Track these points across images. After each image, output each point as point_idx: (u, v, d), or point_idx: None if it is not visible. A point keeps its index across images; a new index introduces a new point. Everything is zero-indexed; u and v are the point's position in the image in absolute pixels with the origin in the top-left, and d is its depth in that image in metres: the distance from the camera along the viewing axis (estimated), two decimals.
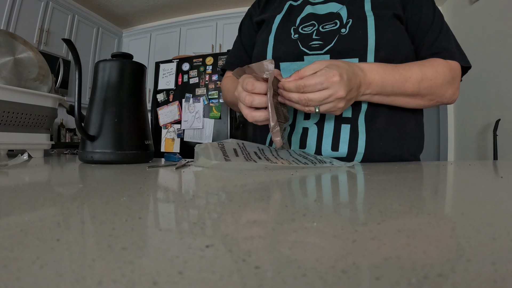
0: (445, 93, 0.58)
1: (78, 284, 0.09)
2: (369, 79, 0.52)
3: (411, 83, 0.54)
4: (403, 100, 0.57)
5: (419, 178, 0.37)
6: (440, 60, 0.58)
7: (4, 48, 0.68)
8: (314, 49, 0.60)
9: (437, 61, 0.57)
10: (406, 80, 0.54)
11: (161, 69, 2.63)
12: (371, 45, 0.56)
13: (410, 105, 0.58)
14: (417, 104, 0.58)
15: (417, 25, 0.60)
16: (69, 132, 3.26)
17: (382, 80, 0.52)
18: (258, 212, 0.19)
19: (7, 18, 2.50)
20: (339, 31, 0.59)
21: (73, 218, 0.17)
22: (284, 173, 0.38)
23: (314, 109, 0.47)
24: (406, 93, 0.55)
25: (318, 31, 0.61)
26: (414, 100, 0.57)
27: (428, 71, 0.55)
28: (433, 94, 0.57)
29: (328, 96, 0.45)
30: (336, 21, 0.60)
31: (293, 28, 0.64)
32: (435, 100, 0.58)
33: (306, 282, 0.09)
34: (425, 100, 0.58)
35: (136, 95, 0.58)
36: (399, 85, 0.54)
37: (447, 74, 0.57)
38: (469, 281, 0.09)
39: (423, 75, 0.55)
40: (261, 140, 0.72)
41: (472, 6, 2.60)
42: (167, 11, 3.57)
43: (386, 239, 0.13)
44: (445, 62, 0.57)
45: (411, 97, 0.56)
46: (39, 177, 0.37)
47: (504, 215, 0.17)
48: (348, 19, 0.59)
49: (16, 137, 0.65)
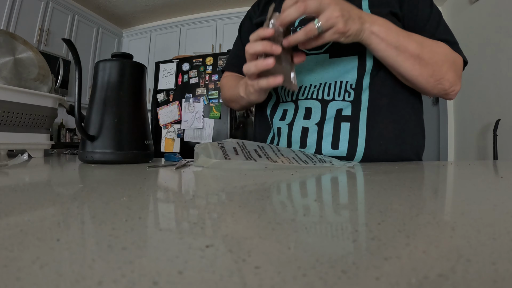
0: (446, 74, 0.55)
1: (78, 284, 0.09)
2: (374, 18, 0.50)
3: (414, 42, 0.52)
4: (408, 62, 0.53)
5: (419, 178, 0.37)
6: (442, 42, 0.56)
7: (4, 48, 0.68)
8: (314, 48, 0.60)
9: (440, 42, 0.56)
10: (409, 36, 0.52)
11: (161, 69, 2.63)
12: None
13: (414, 72, 0.54)
14: (420, 71, 0.54)
15: (414, 21, 0.59)
16: (69, 132, 3.26)
17: (386, 25, 0.51)
18: (258, 212, 0.19)
19: (7, 18, 2.50)
20: None
21: (73, 218, 0.17)
22: (284, 173, 0.38)
23: (315, 25, 0.45)
24: (409, 50, 0.52)
25: None
26: (418, 67, 0.53)
27: (428, 41, 0.54)
28: (435, 67, 0.54)
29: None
30: None
31: (292, 29, 0.64)
32: (436, 77, 0.55)
33: (306, 282, 0.09)
34: (427, 71, 0.54)
35: (136, 95, 0.58)
36: (403, 37, 0.51)
37: (448, 54, 0.55)
38: (469, 281, 0.09)
39: (423, 40, 0.53)
40: (261, 140, 0.72)
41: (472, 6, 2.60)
42: (167, 11, 3.57)
43: (386, 239, 0.13)
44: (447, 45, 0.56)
45: (415, 60, 0.53)
46: (39, 177, 0.37)
47: (504, 215, 0.17)
48: None
49: (16, 137, 0.65)
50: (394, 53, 0.52)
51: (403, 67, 0.54)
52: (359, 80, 0.59)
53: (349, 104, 0.59)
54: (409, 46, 0.52)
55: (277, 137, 0.67)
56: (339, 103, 0.59)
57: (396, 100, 0.60)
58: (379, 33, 0.50)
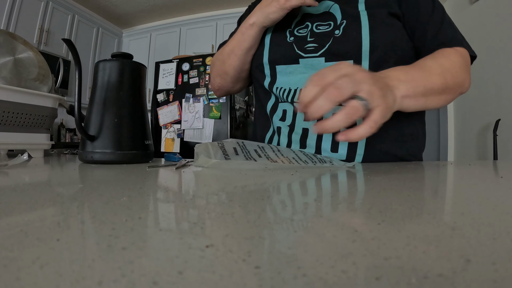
0: (464, 81, 0.54)
1: (78, 284, 0.09)
2: (394, 75, 0.46)
3: (436, 76, 0.50)
4: (437, 99, 0.51)
5: (419, 178, 0.37)
6: (449, 49, 0.55)
7: (4, 48, 0.68)
8: (309, 52, 0.60)
9: (446, 50, 0.55)
10: (430, 74, 0.49)
11: (161, 69, 2.63)
12: (366, 47, 0.55)
13: (441, 103, 0.53)
14: (446, 99, 0.53)
15: (416, 18, 0.58)
16: (69, 132, 3.26)
17: (408, 77, 0.47)
18: (258, 212, 0.19)
19: (7, 18, 2.50)
20: (333, 33, 0.58)
21: (73, 218, 0.17)
22: (284, 173, 0.38)
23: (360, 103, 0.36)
24: (436, 88, 0.50)
25: (312, 32, 0.61)
26: (445, 96, 0.52)
27: (443, 61, 0.52)
28: (457, 84, 0.53)
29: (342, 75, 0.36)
30: (330, 23, 0.59)
31: (289, 31, 0.64)
32: (459, 90, 0.55)
33: (306, 282, 0.09)
34: (451, 93, 0.53)
35: (136, 95, 0.58)
36: (427, 80, 0.48)
37: (461, 61, 0.54)
38: (469, 281, 0.09)
39: (441, 66, 0.51)
40: (261, 140, 0.72)
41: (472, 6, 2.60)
42: (167, 11, 3.57)
43: (386, 239, 0.13)
44: (454, 50, 0.55)
45: (441, 93, 0.51)
46: (39, 177, 0.37)
47: (504, 215, 0.17)
48: (342, 20, 0.58)
49: (16, 137, 0.65)
50: (423, 101, 0.49)
51: (430, 107, 0.52)
52: None
53: None
54: (435, 85, 0.49)
55: (277, 136, 0.67)
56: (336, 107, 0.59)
57: None
58: (408, 92, 0.45)
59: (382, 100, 0.38)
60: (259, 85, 0.72)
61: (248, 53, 0.69)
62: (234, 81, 0.75)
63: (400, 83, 0.45)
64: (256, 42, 0.67)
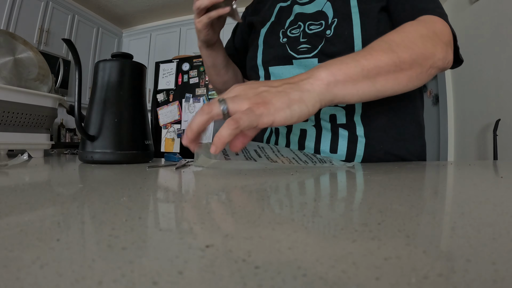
0: (433, 52, 0.45)
1: (78, 284, 0.09)
2: (316, 68, 0.40)
3: (381, 53, 0.41)
4: (392, 78, 0.42)
5: (419, 178, 0.37)
6: (410, 22, 0.48)
7: (4, 48, 0.68)
8: (302, 53, 0.60)
9: (406, 24, 0.47)
10: (371, 52, 0.42)
11: (161, 69, 2.63)
12: (358, 47, 0.54)
13: (404, 82, 0.44)
14: (409, 76, 0.44)
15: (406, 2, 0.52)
16: (69, 132, 3.26)
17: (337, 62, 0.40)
18: (258, 212, 0.19)
19: (7, 18, 2.50)
20: (324, 34, 0.57)
21: (73, 218, 0.17)
22: (284, 173, 0.38)
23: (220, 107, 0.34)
24: (384, 66, 0.41)
25: (305, 32, 0.60)
26: (405, 73, 0.43)
27: (392, 36, 0.44)
28: (420, 56, 0.44)
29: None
30: (322, 22, 0.58)
31: (282, 31, 0.63)
32: (427, 63, 0.45)
33: (306, 282, 0.09)
34: (415, 67, 0.44)
35: (136, 95, 0.58)
36: (365, 59, 0.40)
37: (420, 29, 0.46)
38: (469, 281, 0.09)
39: (387, 42, 0.43)
40: (259, 138, 0.72)
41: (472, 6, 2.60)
42: (167, 11, 3.57)
43: (386, 239, 0.13)
44: (416, 21, 0.48)
45: (397, 71, 0.42)
46: (39, 177, 0.37)
47: (504, 215, 0.17)
48: (333, 19, 0.57)
49: (16, 137, 0.65)
50: (368, 84, 0.41)
51: (387, 90, 0.43)
52: None
53: (342, 110, 0.58)
54: (379, 62, 0.41)
55: (275, 137, 0.67)
56: (332, 108, 0.58)
57: (393, 103, 0.59)
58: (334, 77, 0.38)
59: (256, 98, 0.34)
60: None
61: (217, 69, 0.71)
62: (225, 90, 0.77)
63: (320, 71, 0.39)
64: (216, 59, 0.69)
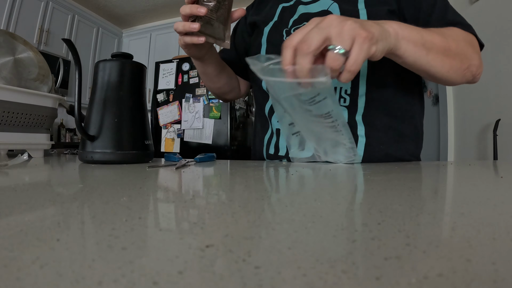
0: (472, 59, 0.51)
1: (78, 284, 0.09)
2: (389, 22, 0.43)
3: (436, 34, 0.47)
4: (438, 59, 0.47)
5: (419, 178, 0.37)
6: (455, 28, 0.52)
7: (4, 48, 0.68)
8: None
9: (453, 28, 0.52)
10: (430, 31, 0.46)
11: (161, 69, 2.63)
12: None
13: (446, 67, 0.48)
14: (451, 65, 0.48)
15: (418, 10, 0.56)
16: (69, 132, 3.26)
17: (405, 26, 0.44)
18: (258, 212, 0.19)
19: (7, 18, 2.50)
20: None
21: (73, 218, 0.17)
22: (284, 173, 0.38)
23: (335, 51, 0.35)
24: (437, 45, 0.46)
25: None
26: (449, 60, 0.48)
27: (445, 30, 0.50)
28: (461, 56, 0.49)
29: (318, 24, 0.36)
30: None
31: (285, 30, 0.63)
32: (466, 63, 0.50)
33: (306, 282, 0.09)
34: (457, 59, 0.49)
35: (136, 95, 0.58)
36: (425, 32, 0.45)
37: (467, 38, 0.52)
38: (469, 281, 0.09)
39: (441, 32, 0.48)
40: (260, 142, 0.72)
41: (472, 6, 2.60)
42: (167, 11, 3.57)
43: (386, 239, 0.13)
44: (460, 30, 0.53)
45: (445, 54, 0.47)
46: (39, 177, 0.37)
47: (504, 215, 0.17)
48: None
49: (16, 137, 0.65)
50: (423, 52, 0.45)
51: (434, 66, 0.48)
52: (354, 85, 0.58)
53: (345, 109, 0.58)
54: (434, 40, 0.46)
55: (276, 137, 0.67)
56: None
57: (394, 103, 0.59)
58: (403, 33, 0.43)
59: (359, 31, 0.36)
60: (257, 87, 0.72)
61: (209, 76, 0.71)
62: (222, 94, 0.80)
63: (391, 22, 0.43)
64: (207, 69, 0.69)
